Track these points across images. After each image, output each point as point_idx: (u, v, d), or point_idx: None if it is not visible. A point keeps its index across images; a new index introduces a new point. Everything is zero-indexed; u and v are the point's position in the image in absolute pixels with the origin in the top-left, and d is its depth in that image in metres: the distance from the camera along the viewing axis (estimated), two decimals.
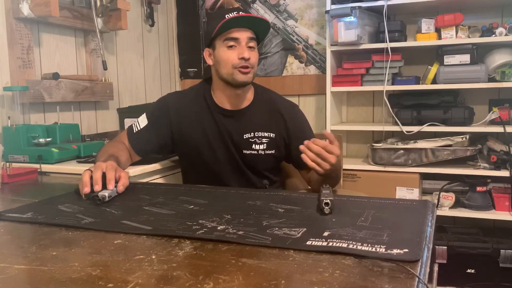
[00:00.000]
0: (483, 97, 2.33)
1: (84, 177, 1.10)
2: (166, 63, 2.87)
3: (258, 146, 1.48)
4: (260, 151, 1.48)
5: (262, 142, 1.48)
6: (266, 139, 1.48)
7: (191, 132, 1.48)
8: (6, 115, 1.73)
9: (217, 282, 0.62)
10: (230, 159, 1.49)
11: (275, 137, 1.49)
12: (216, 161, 1.49)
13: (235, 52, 1.40)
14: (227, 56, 1.40)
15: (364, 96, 2.60)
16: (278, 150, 1.51)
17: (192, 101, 1.51)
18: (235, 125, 1.48)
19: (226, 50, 1.40)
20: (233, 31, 1.39)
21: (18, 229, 0.91)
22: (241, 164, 1.49)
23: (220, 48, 1.42)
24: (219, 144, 1.48)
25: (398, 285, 0.60)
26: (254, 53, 1.43)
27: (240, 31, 1.39)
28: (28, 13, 1.75)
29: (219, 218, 0.91)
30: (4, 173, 1.39)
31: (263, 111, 1.51)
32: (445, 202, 2.22)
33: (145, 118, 1.49)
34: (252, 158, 1.48)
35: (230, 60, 1.40)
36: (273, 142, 1.49)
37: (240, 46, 1.40)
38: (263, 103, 1.52)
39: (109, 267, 0.68)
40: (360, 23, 2.19)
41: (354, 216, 0.91)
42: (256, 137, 1.48)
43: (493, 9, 2.29)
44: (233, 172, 1.50)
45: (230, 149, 1.48)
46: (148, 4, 2.63)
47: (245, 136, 1.47)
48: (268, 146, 1.49)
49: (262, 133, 1.48)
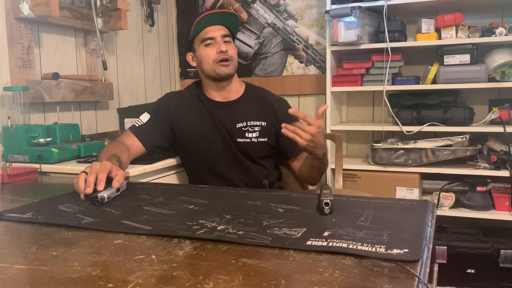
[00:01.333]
0: (483, 97, 2.33)
1: (80, 181, 1.11)
2: (166, 63, 2.87)
3: (251, 134, 1.57)
4: (253, 139, 1.57)
5: (255, 130, 1.57)
6: (258, 127, 1.57)
7: (188, 124, 1.58)
8: (6, 115, 1.73)
9: (217, 282, 0.62)
10: (227, 147, 1.57)
11: (266, 125, 1.58)
12: (213, 150, 1.57)
13: (213, 48, 1.53)
14: (206, 54, 1.54)
15: (364, 96, 2.60)
16: (270, 137, 1.58)
17: (188, 98, 1.63)
18: (227, 115, 1.58)
19: (205, 49, 1.54)
20: (208, 31, 1.53)
21: (18, 229, 0.91)
22: (237, 152, 1.56)
23: (199, 48, 1.56)
24: (215, 134, 1.57)
25: (398, 285, 0.60)
26: (231, 46, 1.56)
27: (214, 30, 1.53)
28: (28, 13, 1.75)
29: (219, 218, 0.91)
30: (4, 173, 1.39)
31: (254, 102, 1.61)
32: (445, 202, 2.22)
33: (147, 114, 1.60)
34: (246, 146, 1.56)
35: (210, 56, 1.53)
36: (265, 130, 1.58)
37: (217, 42, 1.53)
38: (253, 96, 1.63)
39: (109, 267, 0.68)
40: (360, 23, 2.19)
41: (354, 216, 0.91)
42: (249, 126, 1.57)
43: (493, 9, 2.29)
44: (230, 160, 1.58)
45: (225, 138, 1.57)
46: (148, 4, 2.63)
47: (237, 125, 1.57)
48: (261, 134, 1.57)
49: (254, 122, 1.57)
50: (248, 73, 2.76)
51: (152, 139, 1.56)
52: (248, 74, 2.75)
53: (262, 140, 1.57)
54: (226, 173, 1.58)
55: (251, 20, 2.74)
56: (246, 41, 2.76)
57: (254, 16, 2.74)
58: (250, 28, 2.75)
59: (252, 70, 2.77)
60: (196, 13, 2.86)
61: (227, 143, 1.56)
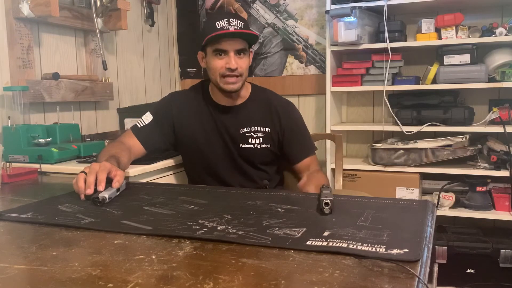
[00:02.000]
0: (483, 97, 2.33)
1: (80, 182, 1.11)
2: (166, 63, 2.87)
3: (254, 140, 1.54)
4: (256, 145, 1.54)
5: (258, 136, 1.54)
6: (262, 133, 1.54)
7: (191, 126, 1.55)
8: (6, 115, 1.73)
9: (217, 282, 0.62)
10: (228, 152, 1.55)
11: (270, 131, 1.55)
12: (214, 153, 1.55)
13: (223, 60, 1.44)
14: (215, 65, 1.45)
15: (364, 96, 2.60)
16: (273, 144, 1.56)
17: (192, 99, 1.59)
18: (231, 120, 1.54)
19: (215, 58, 1.45)
20: (222, 42, 1.42)
21: (18, 229, 0.91)
22: (238, 158, 1.54)
23: (210, 55, 1.47)
24: (217, 138, 1.54)
25: (398, 285, 0.60)
26: (243, 60, 1.47)
27: (228, 42, 1.42)
28: (28, 13, 1.75)
29: (219, 218, 0.91)
30: (4, 173, 1.39)
31: (259, 107, 1.57)
32: (445, 202, 2.22)
33: (149, 114, 1.56)
34: (249, 151, 1.54)
35: (218, 69, 1.45)
36: (269, 137, 1.55)
37: (228, 56, 1.43)
38: (259, 100, 1.58)
39: (109, 267, 0.68)
40: (360, 23, 2.19)
41: (354, 216, 0.91)
42: (252, 132, 1.54)
43: (493, 9, 2.29)
44: (231, 165, 1.56)
45: (227, 143, 1.54)
46: (148, 4, 2.63)
47: (241, 130, 1.54)
48: (264, 140, 1.54)
49: (258, 128, 1.54)
50: (248, 73, 2.76)
51: (153, 141, 1.54)
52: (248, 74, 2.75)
53: (265, 146, 1.54)
54: (225, 177, 1.56)
55: (251, 20, 2.74)
56: None
57: (254, 16, 2.74)
58: (250, 28, 2.75)
59: (252, 70, 2.77)
60: (196, 13, 2.87)
61: (229, 148, 1.54)
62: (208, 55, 1.47)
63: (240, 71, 1.46)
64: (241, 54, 1.46)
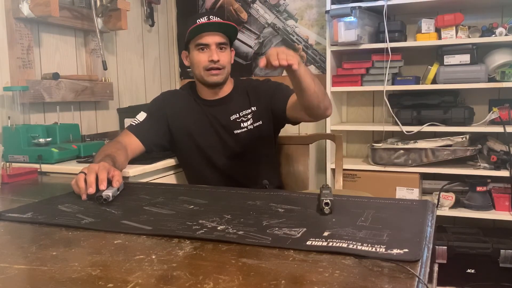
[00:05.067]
0: (483, 97, 2.33)
1: (80, 182, 1.10)
2: (166, 63, 2.87)
3: (246, 123, 1.59)
4: (249, 126, 1.59)
5: (248, 118, 1.60)
6: (250, 114, 1.60)
7: (184, 122, 1.61)
8: (6, 115, 1.73)
9: (217, 282, 0.62)
10: (224, 143, 1.59)
11: (257, 108, 1.60)
12: (211, 146, 1.59)
13: (205, 54, 1.53)
14: (198, 59, 1.55)
15: (364, 96, 2.60)
16: (265, 117, 1.60)
17: (182, 97, 1.67)
18: (220, 111, 1.61)
19: (198, 53, 1.55)
20: (204, 36, 1.52)
21: (18, 229, 0.91)
22: (235, 145, 1.58)
23: (193, 51, 1.57)
24: (211, 131, 1.60)
25: (398, 285, 0.60)
26: (225, 53, 1.56)
27: (210, 36, 1.52)
28: (28, 13, 1.75)
29: (219, 218, 0.91)
30: (4, 173, 1.39)
31: (242, 93, 1.64)
32: (445, 202, 2.22)
33: (143, 113, 1.61)
34: (244, 135, 1.59)
35: (201, 63, 1.54)
36: (256, 114, 1.60)
37: (210, 49, 1.53)
38: (240, 88, 1.65)
39: (109, 267, 0.68)
40: (360, 23, 2.19)
41: (354, 216, 0.91)
42: (242, 116, 1.60)
43: (493, 9, 2.29)
44: (229, 155, 1.59)
45: (221, 134, 1.59)
46: (148, 4, 2.63)
47: (231, 117, 1.59)
48: (254, 119, 1.60)
49: (246, 111, 1.60)
50: (248, 73, 2.76)
51: (151, 137, 1.56)
52: (248, 74, 2.75)
53: (258, 124, 1.59)
54: (225, 167, 1.59)
55: (251, 20, 2.74)
56: (246, 41, 2.76)
57: (254, 16, 2.74)
58: (250, 28, 2.75)
59: (252, 70, 2.77)
60: (196, 13, 2.86)
61: (224, 138, 1.59)
62: (191, 51, 1.57)
63: (222, 64, 1.54)
64: (222, 48, 1.54)
